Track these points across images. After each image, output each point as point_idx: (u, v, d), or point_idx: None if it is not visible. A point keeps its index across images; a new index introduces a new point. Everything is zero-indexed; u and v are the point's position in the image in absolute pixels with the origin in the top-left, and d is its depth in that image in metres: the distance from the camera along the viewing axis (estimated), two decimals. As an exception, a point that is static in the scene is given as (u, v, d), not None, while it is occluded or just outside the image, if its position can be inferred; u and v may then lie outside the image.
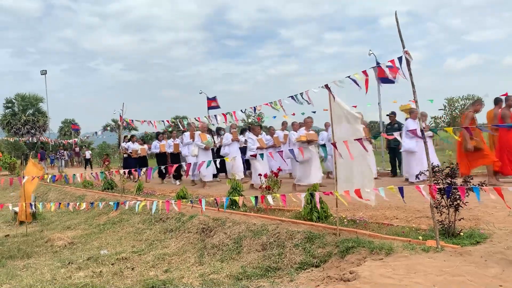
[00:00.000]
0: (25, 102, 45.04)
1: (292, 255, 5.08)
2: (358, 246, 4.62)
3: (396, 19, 4.27)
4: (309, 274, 4.54)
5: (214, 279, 4.81)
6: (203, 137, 11.59)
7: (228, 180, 8.08)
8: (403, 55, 4.34)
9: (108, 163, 16.55)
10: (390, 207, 6.63)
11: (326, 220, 5.83)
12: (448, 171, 4.68)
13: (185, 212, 7.53)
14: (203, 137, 11.59)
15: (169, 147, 13.28)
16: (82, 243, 7.61)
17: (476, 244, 4.40)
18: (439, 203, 4.66)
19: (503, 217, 5.58)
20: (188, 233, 6.78)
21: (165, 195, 10.05)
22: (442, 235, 4.61)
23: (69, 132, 43.19)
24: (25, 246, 7.69)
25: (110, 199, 10.09)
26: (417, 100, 4.46)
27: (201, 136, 11.60)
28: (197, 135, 11.67)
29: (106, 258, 6.18)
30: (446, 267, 3.74)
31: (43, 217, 10.57)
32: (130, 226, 8.08)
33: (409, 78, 4.34)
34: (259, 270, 4.97)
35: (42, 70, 37.39)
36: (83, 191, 12.91)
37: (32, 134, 41.87)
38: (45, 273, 5.63)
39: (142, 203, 6.44)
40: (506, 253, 4.04)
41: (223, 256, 5.68)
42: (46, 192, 15.07)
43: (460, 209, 4.61)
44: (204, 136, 11.60)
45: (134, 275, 5.36)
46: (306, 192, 5.73)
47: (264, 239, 5.59)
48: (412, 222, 5.60)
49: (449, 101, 38.46)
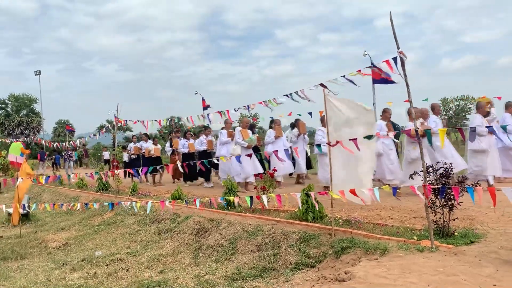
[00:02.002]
0: (18, 102, 44.73)
1: (287, 255, 5.08)
2: (353, 246, 4.63)
3: (390, 20, 4.29)
4: (304, 275, 4.54)
5: (209, 280, 4.81)
6: (245, 134, 10.13)
7: (223, 181, 8.05)
8: (398, 55, 4.36)
9: (117, 163, 15.52)
10: (385, 207, 6.65)
11: (321, 220, 5.84)
12: (442, 171, 4.70)
13: (180, 212, 7.51)
14: (245, 134, 10.13)
15: (201, 144, 12.00)
16: (76, 244, 7.56)
17: (470, 244, 4.42)
18: (434, 203, 4.68)
19: (497, 217, 5.61)
20: (183, 234, 6.76)
21: (160, 196, 10.02)
22: (436, 235, 4.63)
23: (63, 133, 43.00)
24: (19, 247, 7.64)
25: (105, 200, 10.05)
26: (411, 100, 4.48)
27: (243, 133, 10.13)
28: (237, 132, 10.19)
29: (100, 259, 6.15)
30: (441, 267, 3.76)
31: (37, 218, 10.50)
32: (124, 227, 8.04)
33: (404, 79, 4.36)
34: (254, 270, 4.96)
35: (36, 71, 37.22)
36: (77, 192, 12.85)
37: (26, 135, 41.60)
38: (39, 274, 5.59)
39: (138, 203, 6.42)
40: (500, 253, 4.06)
41: (218, 257, 5.67)
42: (40, 193, 14.99)
43: (454, 209, 4.64)
44: (246, 133, 10.17)
45: (129, 276, 5.34)
46: (302, 192, 5.74)
47: (260, 240, 5.59)
48: (406, 222, 5.62)
49: (444, 101, 38.69)
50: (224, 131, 10.90)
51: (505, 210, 5.80)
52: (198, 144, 12.06)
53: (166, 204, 6.33)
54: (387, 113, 9.04)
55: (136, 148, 14.17)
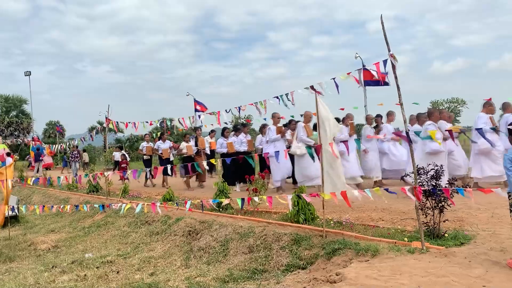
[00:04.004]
0: (8, 103, 44.26)
1: (278, 257, 5.08)
2: (344, 248, 4.64)
3: (381, 23, 4.32)
4: (296, 276, 4.54)
5: (201, 282, 4.79)
6: (309, 130, 8.88)
7: (214, 183, 8.02)
8: (389, 58, 4.39)
9: (126, 165, 14.80)
10: (376, 209, 6.68)
11: (313, 222, 5.84)
12: (433, 173, 4.73)
13: (171, 214, 7.47)
14: (309, 130, 8.88)
15: (240, 144, 10.76)
16: (66, 246, 7.49)
17: (460, 245, 4.45)
18: (424, 205, 4.71)
19: (487, 218, 5.66)
20: (174, 236, 6.73)
21: (151, 198, 9.96)
22: (427, 237, 4.66)
23: (53, 134, 42.59)
24: (8, 249, 7.55)
25: (95, 201, 9.97)
26: (402, 103, 4.51)
27: (307, 129, 8.86)
28: (300, 128, 8.90)
29: (90, 261, 6.09)
30: (431, 268, 3.78)
31: (26, 220, 10.39)
32: (115, 229, 7.99)
33: (395, 81, 4.39)
34: (245, 272, 4.95)
35: (26, 71, 36.88)
36: (67, 194, 12.73)
37: (15, 136, 41.17)
38: (28, 277, 5.53)
39: (127, 205, 6.38)
40: (489, 254, 4.09)
41: (210, 259, 5.65)
42: (29, 194, 14.82)
43: (444, 211, 4.67)
44: (310, 130, 8.92)
45: (119, 279, 5.30)
46: (293, 194, 5.75)
47: (251, 242, 5.58)
48: (397, 224, 5.65)
49: (434, 104, 39.06)
50: (272, 127, 9.72)
51: (495, 212, 5.87)
52: (237, 144, 10.83)
53: (157, 206, 6.30)
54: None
55: (149, 148, 13.05)
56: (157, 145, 12.90)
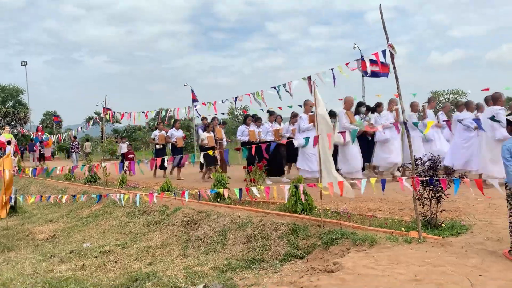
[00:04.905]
0: (4, 93, 43.98)
1: (276, 247, 5.10)
2: (341, 238, 4.66)
3: (380, 12, 4.29)
4: (293, 266, 4.57)
5: (199, 272, 4.80)
6: (351, 117, 8.46)
7: (213, 173, 8.01)
8: (387, 48, 4.37)
9: (133, 156, 14.44)
10: (373, 199, 6.71)
11: (311, 212, 5.86)
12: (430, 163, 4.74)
13: (169, 204, 7.48)
14: (351, 117, 8.46)
15: (266, 133, 10.26)
16: (64, 236, 7.51)
17: (457, 235, 4.48)
18: (421, 195, 4.73)
19: (483, 208, 5.69)
20: (172, 226, 6.74)
21: (149, 188, 9.97)
22: (424, 227, 4.68)
23: (51, 125, 42.45)
24: (6, 239, 7.56)
25: (93, 192, 9.97)
26: (400, 93, 4.50)
27: (349, 115, 8.42)
28: (343, 115, 8.43)
29: (89, 251, 6.11)
30: (428, 258, 3.80)
31: (23, 210, 10.39)
32: (113, 219, 8.00)
33: (393, 71, 4.38)
34: (243, 262, 4.97)
35: (23, 61, 36.66)
36: (65, 184, 12.73)
37: (12, 126, 41.00)
38: (26, 266, 5.54)
39: (126, 195, 6.38)
40: (486, 244, 4.12)
41: (208, 249, 5.67)
42: (27, 185, 14.81)
43: (441, 201, 4.69)
44: (353, 116, 8.55)
45: (118, 268, 5.31)
46: (291, 184, 5.76)
47: (249, 231, 5.59)
48: (395, 214, 5.68)
49: (434, 94, 39.05)
50: (304, 116, 9.16)
51: (491, 202, 5.89)
52: (263, 133, 10.32)
53: (154, 196, 6.30)
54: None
55: (162, 136, 12.54)
56: (170, 133, 12.54)
